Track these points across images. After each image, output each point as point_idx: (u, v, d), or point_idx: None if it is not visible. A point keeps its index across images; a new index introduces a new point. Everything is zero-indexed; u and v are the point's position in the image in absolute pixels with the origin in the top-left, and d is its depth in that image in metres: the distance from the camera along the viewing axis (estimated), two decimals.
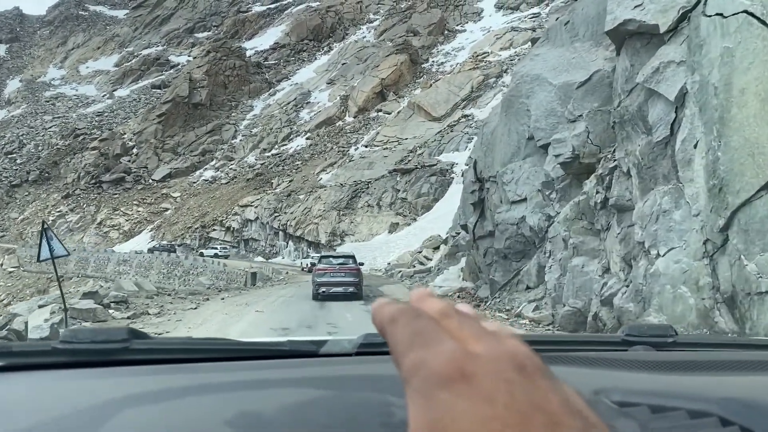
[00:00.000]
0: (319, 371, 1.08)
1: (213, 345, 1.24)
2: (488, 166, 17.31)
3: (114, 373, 1.04)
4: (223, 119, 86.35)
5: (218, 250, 57.33)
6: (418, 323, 0.41)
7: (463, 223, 19.54)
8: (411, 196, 55.18)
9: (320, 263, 20.70)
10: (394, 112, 72.99)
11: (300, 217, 57.92)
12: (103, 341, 1.08)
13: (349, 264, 20.63)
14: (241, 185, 68.86)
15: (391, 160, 62.26)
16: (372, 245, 47.81)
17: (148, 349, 1.12)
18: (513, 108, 16.28)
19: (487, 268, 17.59)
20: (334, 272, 19.91)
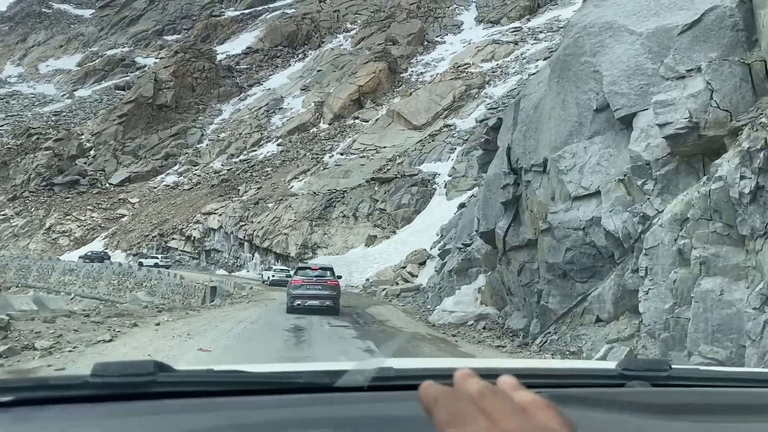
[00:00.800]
0: (332, 410, 1.14)
1: (232, 377, 1.27)
2: (529, 151, 12.60)
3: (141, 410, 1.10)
4: (189, 122, 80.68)
5: (158, 259, 51.73)
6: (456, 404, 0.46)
7: (484, 229, 14.75)
8: (390, 207, 50.39)
9: (296, 275, 19.90)
10: (372, 119, 68.38)
11: (268, 226, 52.63)
12: (132, 374, 1.12)
13: (326, 276, 19.74)
14: (205, 191, 63.28)
15: (369, 168, 57.53)
16: (347, 259, 42.79)
17: (173, 381, 1.17)
18: (570, 71, 11.64)
19: (523, 290, 12.84)
20: (311, 284, 19.04)
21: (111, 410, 1.10)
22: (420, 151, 58.32)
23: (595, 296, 10.27)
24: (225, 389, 1.20)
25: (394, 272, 34.62)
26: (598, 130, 10.90)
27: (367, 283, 36.45)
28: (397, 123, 64.98)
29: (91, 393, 1.11)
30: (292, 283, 19.79)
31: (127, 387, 1.12)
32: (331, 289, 19.30)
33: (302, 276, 19.75)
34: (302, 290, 18.95)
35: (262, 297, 25.54)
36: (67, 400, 1.11)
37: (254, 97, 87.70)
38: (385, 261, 41.55)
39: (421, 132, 62.73)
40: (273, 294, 27.43)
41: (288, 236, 50.93)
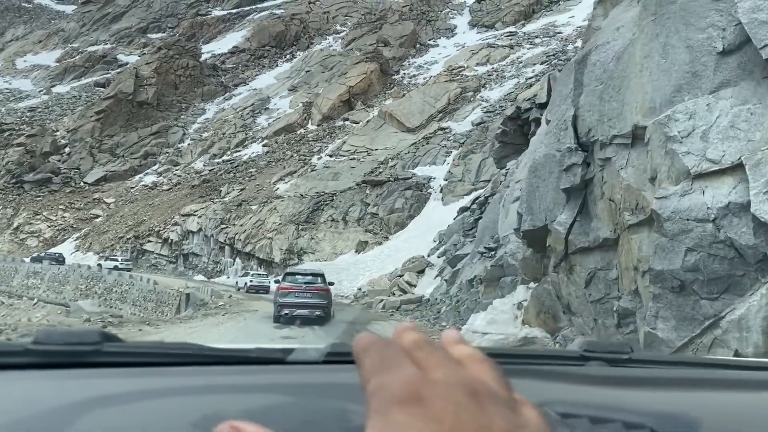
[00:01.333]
0: (285, 378, 1.12)
1: (184, 349, 1.22)
2: (609, 118, 9.19)
3: (85, 375, 1.06)
4: (171, 121, 76.73)
5: (119, 262, 47.53)
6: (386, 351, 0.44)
7: (529, 227, 11.30)
8: (383, 211, 46.91)
9: (285, 281, 18.15)
10: (363, 121, 64.99)
11: (251, 230, 48.89)
12: (76, 343, 1.08)
13: (317, 283, 18.17)
14: (184, 192, 59.38)
15: (360, 171, 54.09)
16: (336, 266, 39.18)
17: (119, 352, 1.12)
18: (675, 3, 8.29)
19: (592, 307, 9.42)
20: (300, 292, 17.41)
21: (52, 375, 1.04)
22: (414, 154, 55.02)
23: (734, 321, 6.87)
24: (175, 360, 1.14)
25: (389, 281, 31.10)
26: (727, 81, 7.54)
27: (359, 292, 32.89)
28: (389, 125, 61.66)
29: (33, 360, 1.05)
30: (279, 290, 18.14)
31: (71, 356, 1.06)
32: (321, 297, 17.82)
33: (290, 282, 18.07)
34: (290, 298, 17.30)
35: (242, 308, 21.89)
36: (6, 367, 1.05)
37: (240, 97, 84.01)
38: (378, 269, 38.05)
39: (414, 134, 59.45)
40: (254, 304, 23.80)
41: (272, 240, 47.26)
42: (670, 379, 1.28)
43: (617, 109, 9.05)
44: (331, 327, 16.35)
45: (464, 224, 29.52)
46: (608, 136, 9.16)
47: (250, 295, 31.81)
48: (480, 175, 48.55)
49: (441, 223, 42.37)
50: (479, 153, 50.92)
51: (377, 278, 34.74)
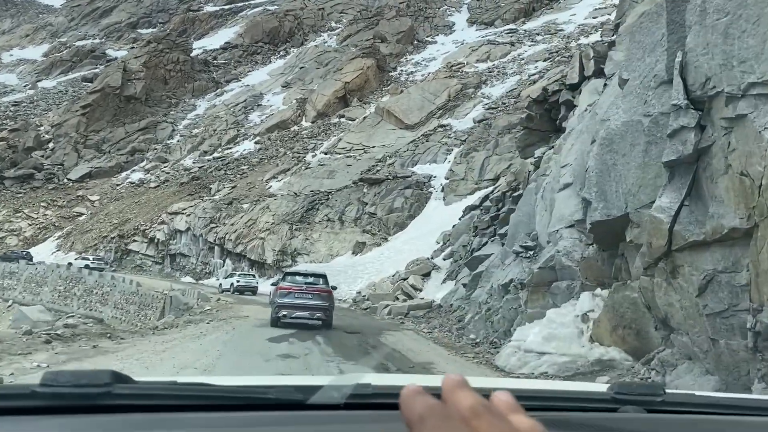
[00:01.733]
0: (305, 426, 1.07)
1: (196, 391, 1.16)
2: (740, 60, 6.60)
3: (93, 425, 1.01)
4: (160, 117, 73.78)
5: (90, 261, 44.78)
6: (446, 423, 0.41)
7: (602, 217, 8.67)
8: (381, 210, 44.25)
9: (284, 281, 17.08)
10: (360, 117, 62.36)
11: (242, 229, 46.11)
12: (85, 385, 1.03)
13: (319, 285, 16.93)
14: (173, 189, 56.50)
15: (356, 169, 51.45)
16: (333, 268, 36.45)
17: (130, 394, 1.08)
18: None
19: (708, 323, 6.84)
20: (300, 293, 16.26)
21: (60, 424, 0.97)
22: (413, 152, 52.44)
23: None
24: (188, 403, 1.09)
25: (392, 284, 28.46)
26: None
27: (358, 296, 30.22)
28: (386, 122, 59.07)
29: (40, 404, 0.99)
30: (278, 290, 16.88)
31: (80, 398, 1.01)
32: (323, 299, 16.51)
33: (290, 283, 16.79)
34: (290, 299, 16.14)
35: (230, 313, 19.19)
36: (12, 412, 0.99)
37: (231, 93, 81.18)
38: (378, 271, 35.41)
39: (413, 132, 56.90)
40: (245, 309, 21.09)
41: (264, 241, 44.50)
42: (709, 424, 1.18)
43: (756, 47, 6.44)
44: (336, 337, 13.78)
45: (477, 223, 26.92)
46: (740, 85, 6.56)
47: (241, 299, 29.09)
48: (484, 174, 46.04)
49: (443, 224, 39.81)
50: (482, 150, 48.41)
51: (378, 281, 32.12)
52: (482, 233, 25.23)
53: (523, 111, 24.83)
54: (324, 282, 17.31)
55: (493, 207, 23.87)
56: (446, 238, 34.20)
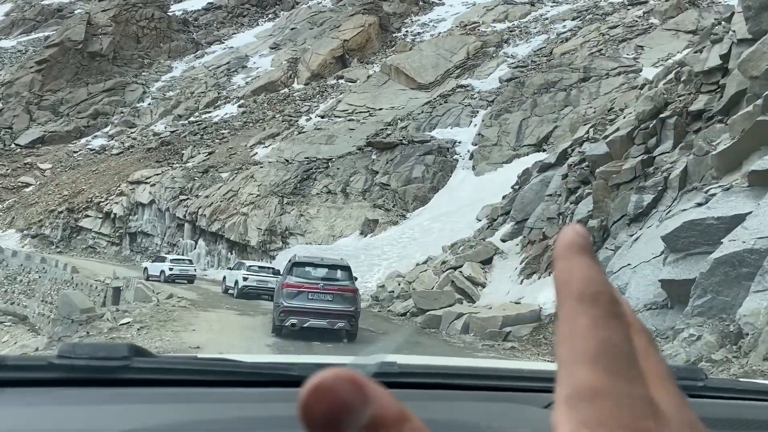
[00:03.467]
0: None
1: (216, 366, 1.13)
2: None
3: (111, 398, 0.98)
4: (130, 77, 63.50)
5: None
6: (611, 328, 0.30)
7: None
8: (396, 181, 34.72)
9: (292, 275, 12.14)
10: (363, 77, 52.61)
11: (219, 203, 36.37)
12: (103, 357, 1.00)
13: (341, 281, 12.19)
14: (138, 156, 46.53)
15: (360, 134, 41.81)
16: (337, 252, 26.85)
17: (149, 368, 1.04)
18: None
19: None
20: (315, 292, 11.67)
21: (78, 395, 0.96)
22: (430, 114, 42.88)
23: None
24: (208, 379, 1.06)
25: (435, 275, 18.97)
26: None
27: (381, 292, 20.78)
28: (395, 81, 49.40)
29: (57, 376, 0.97)
30: (284, 287, 11.99)
31: (98, 371, 0.98)
32: (347, 302, 11.91)
33: (300, 277, 11.89)
34: (300, 301, 11.61)
35: (174, 326, 9.61)
36: (28, 383, 0.98)
37: (213, 55, 70.90)
38: (400, 256, 26.02)
39: (428, 92, 47.32)
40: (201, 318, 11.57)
41: (247, 217, 34.83)
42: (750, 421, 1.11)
43: None
44: None
45: (570, 184, 17.58)
46: None
47: (208, 298, 19.45)
48: (523, 138, 36.68)
49: (478, 198, 30.51)
50: (518, 111, 39.05)
51: (407, 271, 22.66)
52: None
53: None
54: (347, 276, 12.64)
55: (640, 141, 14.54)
56: (497, 212, 24.78)
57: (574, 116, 37.49)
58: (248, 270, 21.98)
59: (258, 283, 21.03)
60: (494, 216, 25.01)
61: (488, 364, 1.85)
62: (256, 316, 14.65)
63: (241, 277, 21.27)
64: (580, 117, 37.19)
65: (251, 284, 20.99)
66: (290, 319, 11.61)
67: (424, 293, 16.08)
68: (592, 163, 17.10)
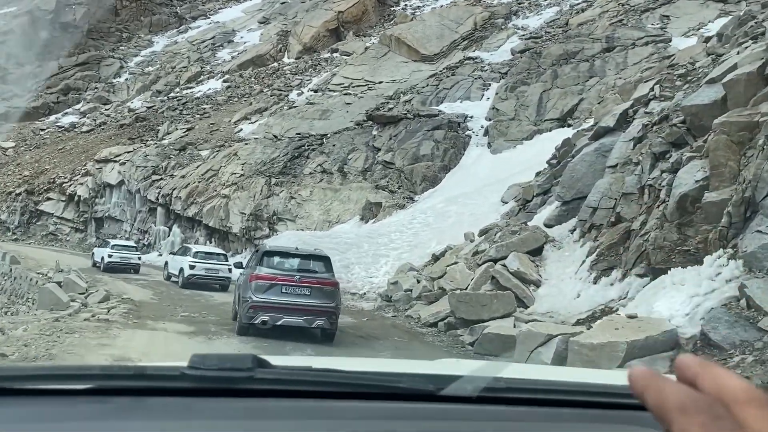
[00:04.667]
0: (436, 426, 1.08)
1: (332, 378, 1.18)
2: None
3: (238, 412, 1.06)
4: (107, 51, 58.13)
5: None
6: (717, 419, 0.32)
7: None
8: (401, 159, 29.92)
9: (262, 265, 10.37)
10: (360, 50, 47.63)
11: (198, 183, 31.44)
12: (230, 369, 1.08)
13: (319, 273, 10.48)
14: (110, 133, 41.43)
15: (358, 108, 36.96)
16: (335, 240, 22.03)
17: (271, 379, 1.12)
18: None
19: None
20: (291, 285, 10.04)
21: (209, 407, 1.05)
22: (436, 87, 38.04)
23: None
24: (323, 390, 1.13)
25: (468, 269, 14.22)
26: None
27: (395, 289, 16.07)
28: (396, 53, 44.49)
29: (187, 386, 1.06)
30: (253, 280, 10.09)
31: (225, 381, 1.07)
32: (327, 297, 10.16)
33: (273, 269, 10.25)
34: (273, 295, 9.87)
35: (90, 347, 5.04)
36: (163, 392, 1.07)
37: (198, 30, 65.52)
38: (411, 245, 21.34)
39: (432, 64, 42.48)
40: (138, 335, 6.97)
41: (229, 200, 29.94)
42: None
43: None
44: None
45: (654, 149, 12.88)
46: None
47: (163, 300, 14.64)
48: (544, 111, 31.96)
49: (497, 178, 25.95)
50: (537, 83, 34.29)
51: (421, 264, 17.98)
52: None
53: None
54: (326, 268, 10.60)
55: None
56: (531, 191, 20.13)
57: (601, 87, 32.87)
58: (195, 256, 19.43)
59: (206, 272, 18.94)
60: (527, 197, 20.32)
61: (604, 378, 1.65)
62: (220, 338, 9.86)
63: (187, 265, 18.89)
64: (608, 88, 32.61)
65: (198, 273, 18.83)
66: (261, 316, 9.90)
67: (464, 297, 11.32)
68: (691, 117, 12.38)
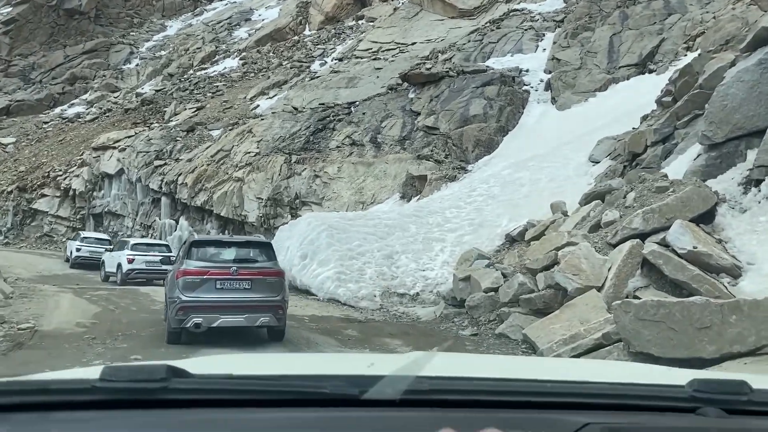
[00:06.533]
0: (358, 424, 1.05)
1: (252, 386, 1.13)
2: None
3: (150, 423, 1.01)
4: (116, 38, 53.52)
5: None
6: None
7: None
8: (447, 122, 24.20)
9: (191, 258, 8.40)
10: (387, 12, 41.89)
11: (207, 167, 26.25)
12: (143, 380, 1.03)
13: (259, 262, 8.72)
14: (114, 120, 36.60)
15: (390, 73, 31.32)
16: (369, 222, 16.42)
17: (187, 389, 1.07)
18: None
19: None
20: (226, 279, 8.27)
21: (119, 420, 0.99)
22: (480, 42, 32.15)
23: None
24: (243, 398, 1.08)
25: (600, 256, 8.33)
26: None
27: (465, 287, 10.32)
28: (429, 11, 38.65)
29: (99, 398, 1.00)
30: (180, 276, 8.17)
31: (138, 393, 1.02)
32: (272, 289, 8.39)
33: (204, 261, 8.36)
34: (206, 293, 8.08)
35: None
36: (74, 406, 1.00)
37: (214, 12, 60.59)
38: (473, 224, 15.77)
39: (473, 20, 36.56)
40: None
41: (243, 183, 24.70)
42: None
43: None
44: None
45: None
46: None
47: (75, 329, 9.32)
48: (617, 57, 25.88)
49: (572, 135, 20.20)
50: (603, 26, 28.18)
51: (497, 247, 12.41)
52: None
53: None
54: (268, 256, 8.80)
55: None
56: (641, 140, 14.34)
57: (686, 24, 26.62)
58: (133, 249, 17.44)
59: (147, 266, 16.92)
60: (635, 149, 14.50)
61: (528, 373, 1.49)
62: None
63: (124, 259, 16.94)
64: (695, 24, 26.37)
65: (137, 267, 16.93)
66: (192, 319, 7.90)
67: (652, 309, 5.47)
68: None
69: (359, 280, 13.20)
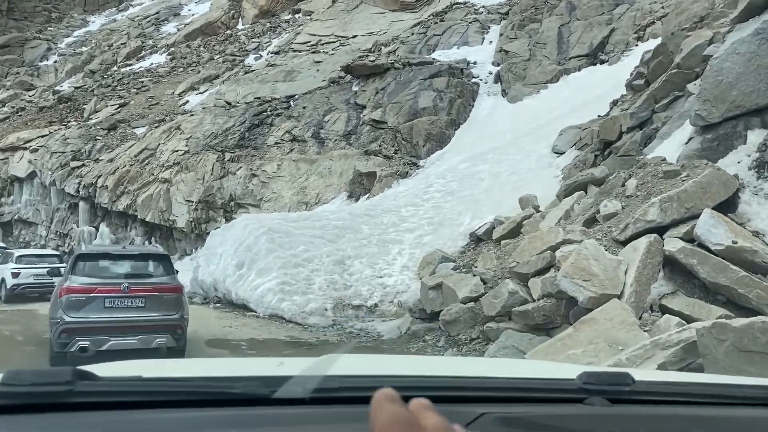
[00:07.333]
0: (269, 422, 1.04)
1: (161, 387, 1.10)
2: None
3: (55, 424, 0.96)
4: (32, 33, 49.31)
5: None
6: None
7: None
8: (395, 115, 22.43)
9: (76, 274, 7.30)
10: (325, 4, 39.86)
11: (130, 167, 23.56)
12: (47, 383, 0.98)
13: (154, 277, 7.75)
14: (26, 119, 33.07)
15: (331, 66, 29.38)
16: (316, 224, 14.44)
17: (93, 391, 1.02)
18: None
19: None
20: (116, 296, 7.26)
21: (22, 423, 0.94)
22: (424, 35, 30.64)
23: None
24: (153, 400, 1.03)
25: (605, 248, 6.64)
26: None
27: (435, 299, 8.44)
28: (368, 4, 36.90)
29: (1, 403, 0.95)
30: (62, 295, 7.10)
31: (41, 397, 0.96)
32: (169, 307, 7.50)
33: (91, 276, 7.33)
34: (93, 312, 7.10)
35: None
36: None
37: (140, 7, 56.98)
38: (432, 223, 14.19)
39: (415, 13, 35.00)
40: None
41: (171, 185, 22.18)
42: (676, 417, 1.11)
43: None
44: None
45: None
46: None
47: None
48: (567, 48, 24.85)
49: (528, 127, 18.90)
50: (551, 17, 27.13)
51: (460, 246, 10.67)
52: None
53: None
54: (165, 270, 7.81)
55: None
56: (615, 125, 12.98)
57: (635, 14, 25.88)
58: (18, 261, 15.44)
59: (35, 279, 15.02)
60: (608, 136, 13.16)
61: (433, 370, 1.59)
62: None
63: (9, 273, 15.07)
64: (645, 14, 25.66)
65: (23, 281, 14.98)
66: (78, 342, 6.86)
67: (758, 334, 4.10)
68: None
69: (307, 291, 11.23)
